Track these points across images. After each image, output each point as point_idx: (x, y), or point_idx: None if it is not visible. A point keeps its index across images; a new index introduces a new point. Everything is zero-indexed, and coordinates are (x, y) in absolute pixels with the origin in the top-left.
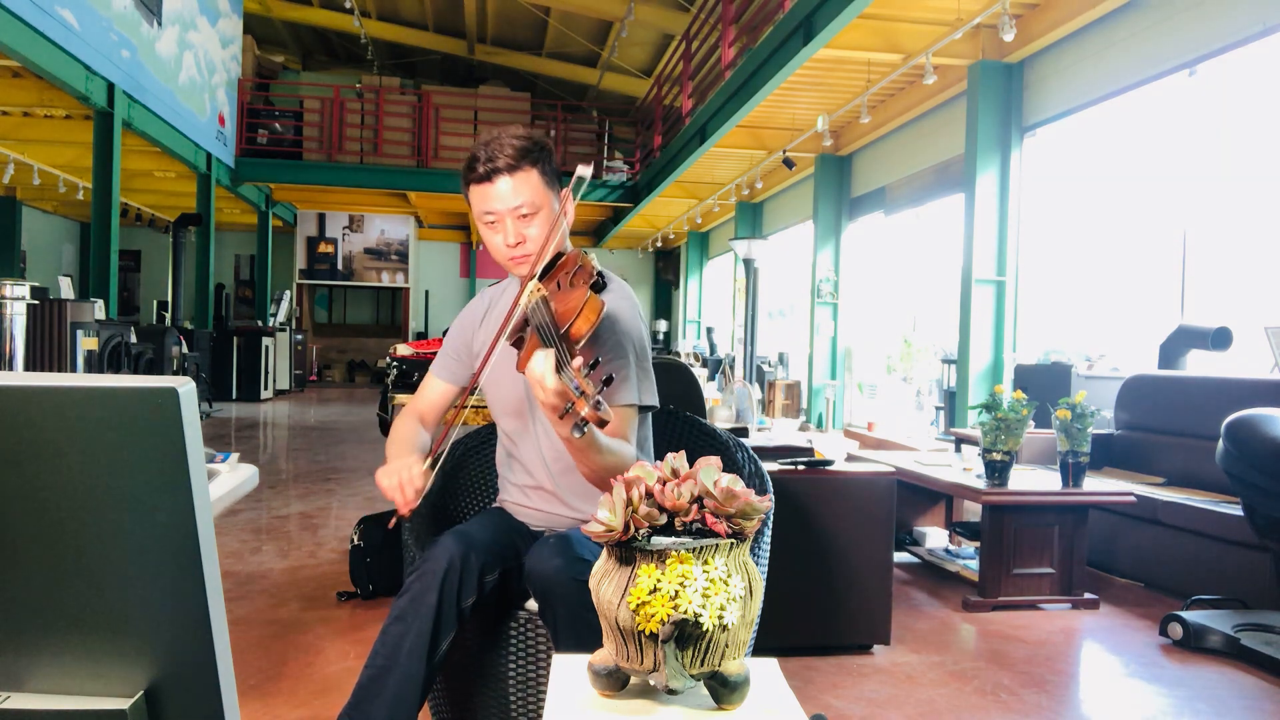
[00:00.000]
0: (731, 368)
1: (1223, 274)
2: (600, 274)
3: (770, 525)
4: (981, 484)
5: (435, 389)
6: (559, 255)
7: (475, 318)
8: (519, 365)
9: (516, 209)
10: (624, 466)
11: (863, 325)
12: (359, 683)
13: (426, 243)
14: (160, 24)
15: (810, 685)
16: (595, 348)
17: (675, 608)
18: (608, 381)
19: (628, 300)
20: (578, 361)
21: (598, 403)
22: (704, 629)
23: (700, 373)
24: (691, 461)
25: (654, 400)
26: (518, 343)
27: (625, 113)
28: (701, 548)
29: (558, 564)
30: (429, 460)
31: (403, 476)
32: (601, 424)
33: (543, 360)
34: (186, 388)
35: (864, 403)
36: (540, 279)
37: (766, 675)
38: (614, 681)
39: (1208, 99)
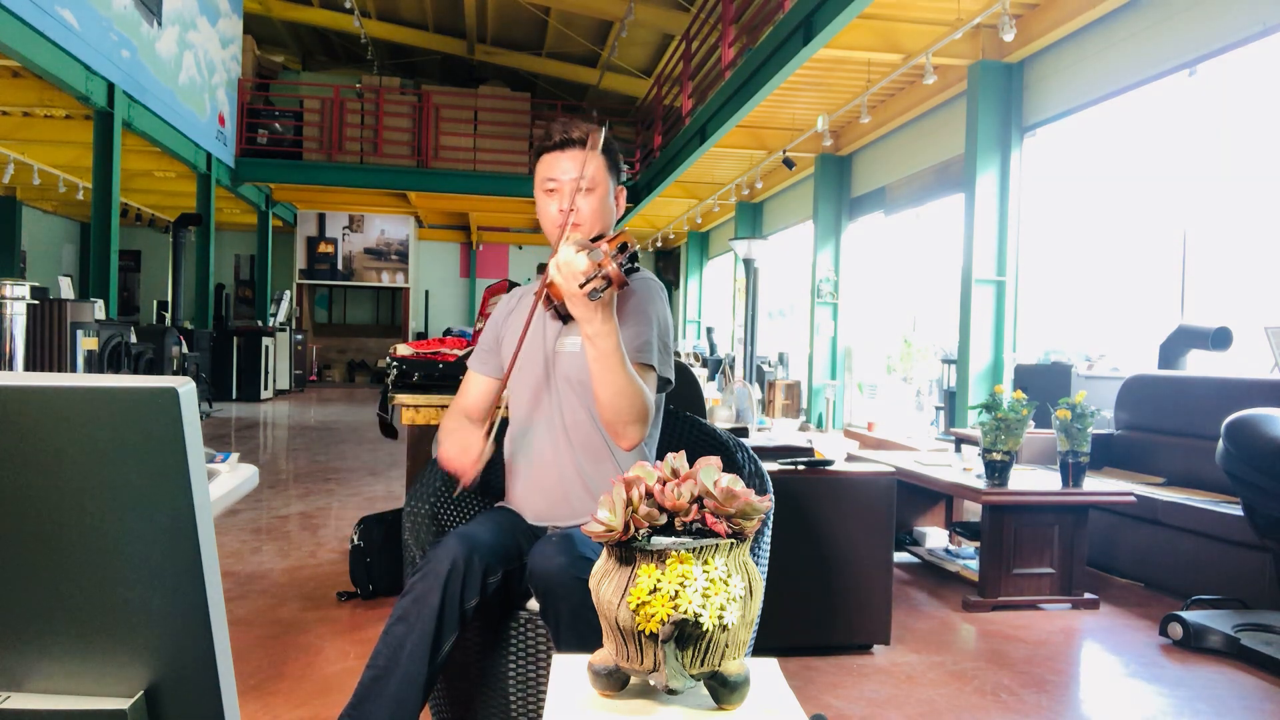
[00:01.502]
0: (731, 368)
1: (1223, 274)
2: (635, 252)
3: (770, 525)
4: (981, 484)
5: (477, 385)
6: (600, 235)
7: (504, 312)
8: (551, 289)
9: (577, 180)
10: (640, 402)
11: (863, 325)
12: (361, 682)
13: (426, 243)
14: (160, 24)
15: (810, 685)
16: (627, 317)
17: (675, 608)
18: (633, 259)
19: (657, 284)
20: (607, 244)
21: (620, 264)
22: (704, 629)
23: (700, 373)
24: (691, 461)
25: (670, 375)
26: (552, 304)
27: (625, 113)
28: (701, 548)
29: (560, 562)
30: (485, 429)
31: (462, 445)
32: (622, 285)
33: (570, 249)
34: (186, 388)
35: (864, 403)
36: None
37: (766, 675)
38: (614, 681)
39: (1208, 99)
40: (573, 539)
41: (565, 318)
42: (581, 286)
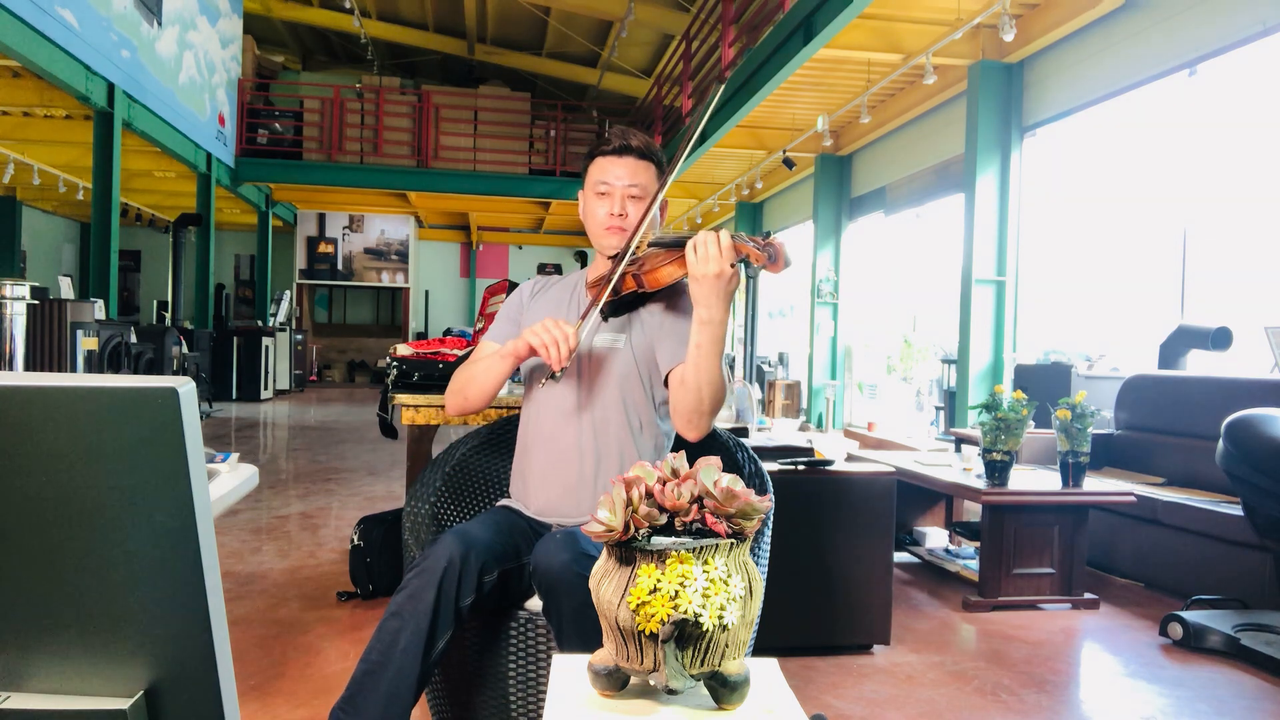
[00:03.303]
0: (731, 368)
1: (1223, 274)
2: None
3: (770, 525)
4: (981, 484)
5: (485, 349)
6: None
7: (526, 295)
8: (646, 275)
9: (629, 187)
10: (722, 395)
11: (863, 325)
12: (353, 677)
13: (426, 243)
14: (160, 24)
15: (810, 685)
16: (673, 299)
17: (675, 608)
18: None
19: None
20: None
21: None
22: (704, 629)
23: None
24: (691, 461)
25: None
26: (617, 293)
27: (625, 113)
28: (701, 548)
29: (564, 559)
30: (579, 323)
31: (555, 334)
32: (787, 264)
33: (710, 232)
34: (186, 388)
35: (864, 403)
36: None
37: (766, 675)
38: (614, 681)
39: (1208, 99)
40: (576, 536)
41: (608, 315)
42: (733, 266)
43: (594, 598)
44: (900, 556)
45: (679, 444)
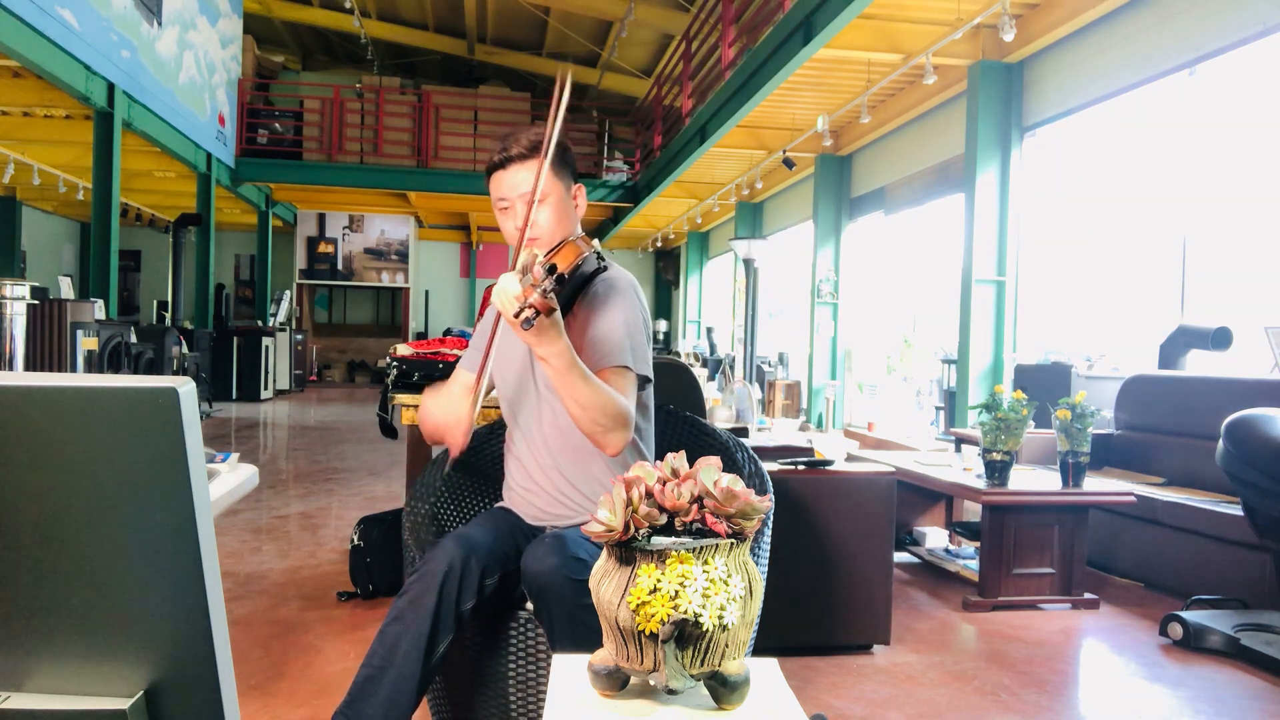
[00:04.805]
0: (731, 368)
1: (1223, 274)
2: (599, 254)
3: (770, 525)
4: (981, 484)
5: (458, 379)
6: (563, 241)
7: (492, 315)
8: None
9: (525, 195)
10: (613, 409)
11: (863, 325)
12: (355, 681)
13: (426, 243)
14: (160, 24)
15: (810, 685)
16: (584, 306)
17: (675, 608)
18: (560, 281)
19: (627, 283)
20: (539, 268)
21: (544, 291)
22: (704, 629)
23: (700, 373)
24: (691, 461)
25: (648, 372)
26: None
27: (625, 113)
28: (701, 548)
29: (553, 563)
30: (471, 401)
31: (450, 440)
32: (549, 311)
33: (511, 278)
34: (186, 388)
35: (864, 403)
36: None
37: (766, 675)
38: (614, 681)
39: (1208, 99)
40: (565, 540)
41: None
42: (516, 315)
43: (594, 598)
44: (900, 556)
45: (677, 444)
